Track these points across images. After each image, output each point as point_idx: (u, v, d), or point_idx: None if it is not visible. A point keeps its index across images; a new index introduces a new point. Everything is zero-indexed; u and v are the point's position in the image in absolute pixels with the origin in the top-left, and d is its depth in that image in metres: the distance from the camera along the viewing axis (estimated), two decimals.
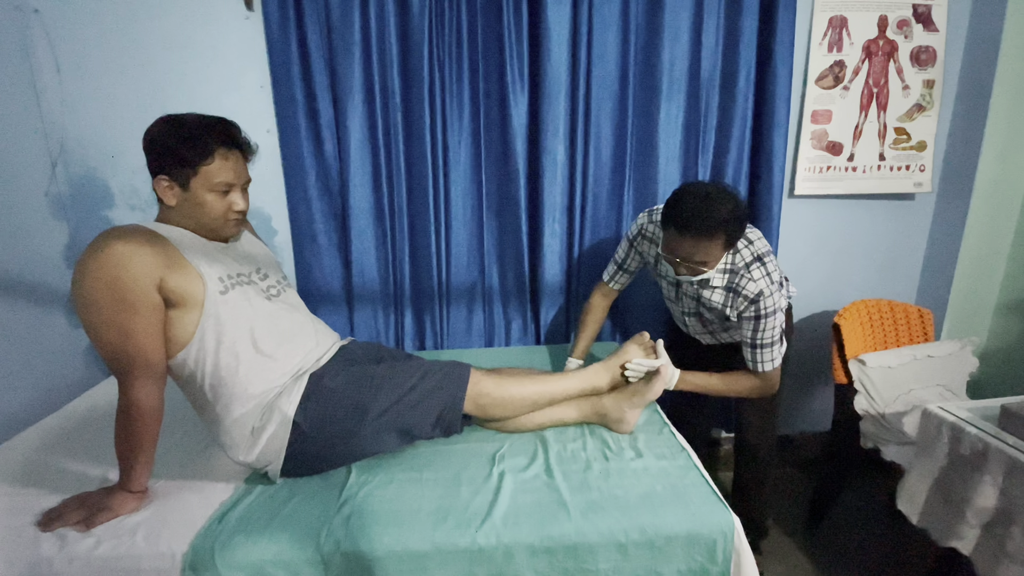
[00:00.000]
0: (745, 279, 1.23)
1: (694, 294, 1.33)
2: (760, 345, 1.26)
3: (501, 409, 1.16)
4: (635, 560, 0.93)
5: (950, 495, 1.09)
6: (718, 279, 1.26)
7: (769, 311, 1.23)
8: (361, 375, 1.09)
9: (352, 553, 0.89)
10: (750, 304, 1.23)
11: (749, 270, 1.23)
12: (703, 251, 1.15)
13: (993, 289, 1.84)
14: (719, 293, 1.28)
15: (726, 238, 1.15)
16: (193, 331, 0.99)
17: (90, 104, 1.60)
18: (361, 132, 1.63)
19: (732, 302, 1.26)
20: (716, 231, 1.12)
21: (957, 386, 1.62)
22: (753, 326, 1.25)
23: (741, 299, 1.24)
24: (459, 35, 1.57)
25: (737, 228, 1.15)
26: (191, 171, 1.00)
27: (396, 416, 1.06)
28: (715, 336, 1.44)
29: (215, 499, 1.01)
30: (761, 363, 1.28)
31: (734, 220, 1.13)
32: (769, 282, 1.22)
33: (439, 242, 1.73)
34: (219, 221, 1.06)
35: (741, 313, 1.26)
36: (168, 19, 1.56)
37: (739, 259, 1.24)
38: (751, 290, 1.22)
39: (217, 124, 1.03)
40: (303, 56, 1.57)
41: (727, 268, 1.25)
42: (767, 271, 1.23)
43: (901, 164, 1.78)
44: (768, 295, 1.22)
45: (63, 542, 0.90)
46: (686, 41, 1.62)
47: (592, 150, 1.68)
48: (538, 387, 1.19)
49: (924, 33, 1.70)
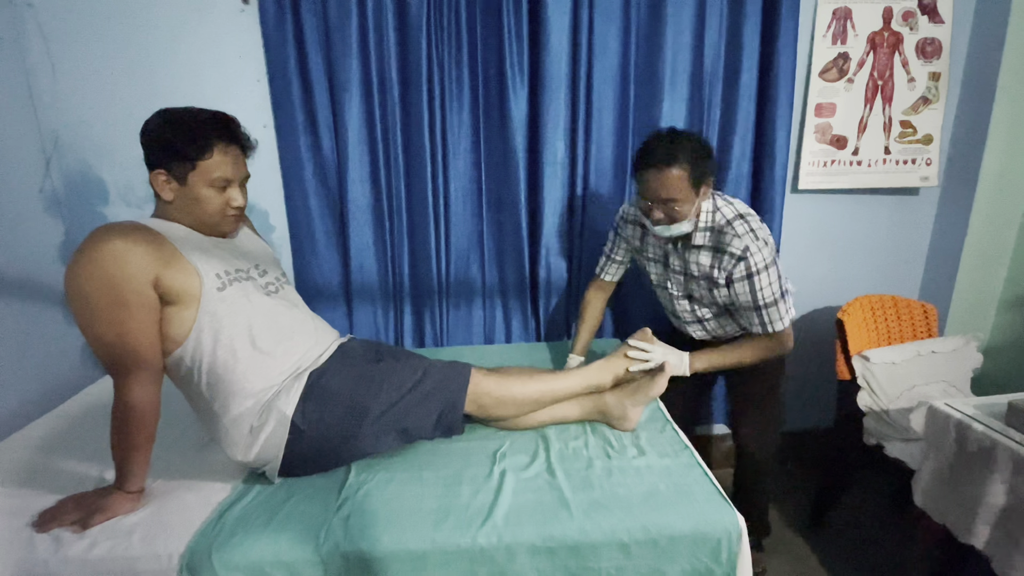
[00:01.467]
0: (729, 235, 1.22)
1: (682, 267, 1.32)
2: (764, 305, 1.24)
3: (503, 409, 1.14)
4: (638, 559, 0.92)
5: (961, 492, 1.08)
6: (700, 237, 1.26)
7: (760, 267, 1.20)
8: (360, 375, 1.07)
9: (351, 553, 0.88)
10: (738, 262, 1.21)
11: (732, 225, 1.22)
12: (668, 185, 1.16)
13: (997, 284, 1.82)
14: (705, 255, 1.27)
15: (691, 170, 1.16)
16: (190, 328, 0.98)
17: (84, 99, 1.58)
18: (359, 126, 1.61)
19: (719, 263, 1.24)
20: (678, 159, 1.15)
21: (961, 382, 1.61)
22: (749, 287, 1.23)
23: (727, 258, 1.22)
24: (458, 28, 1.55)
25: (701, 162, 1.17)
26: (189, 166, 0.99)
27: (396, 417, 1.05)
28: (705, 327, 1.42)
29: (212, 499, 1.00)
30: (771, 323, 1.25)
31: (697, 151, 1.17)
32: (754, 237, 1.21)
33: (438, 238, 1.71)
34: (216, 217, 1.05)
35: (732, 276, 1.23)
36: (163, 12, 1.54)
37: (720, 216, 1.24)
38: (736, 247, 1.21)
39: (217, 119, 1.02)
40: (300, 50, 1.55)
41: (709, 226, 1.25)
42: (750, 227, 1.22)
43: (907, 158, 1.76)
44: (756, 251, 1.20)
45: (58, 543, 0.89)
46: (688, 34, 1.60)
47: (593, 145, 1.66)
48: (540, 386, 1.17)
49: (929, 25, 1.68)
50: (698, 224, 1.26)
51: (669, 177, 1.16)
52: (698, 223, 1.25)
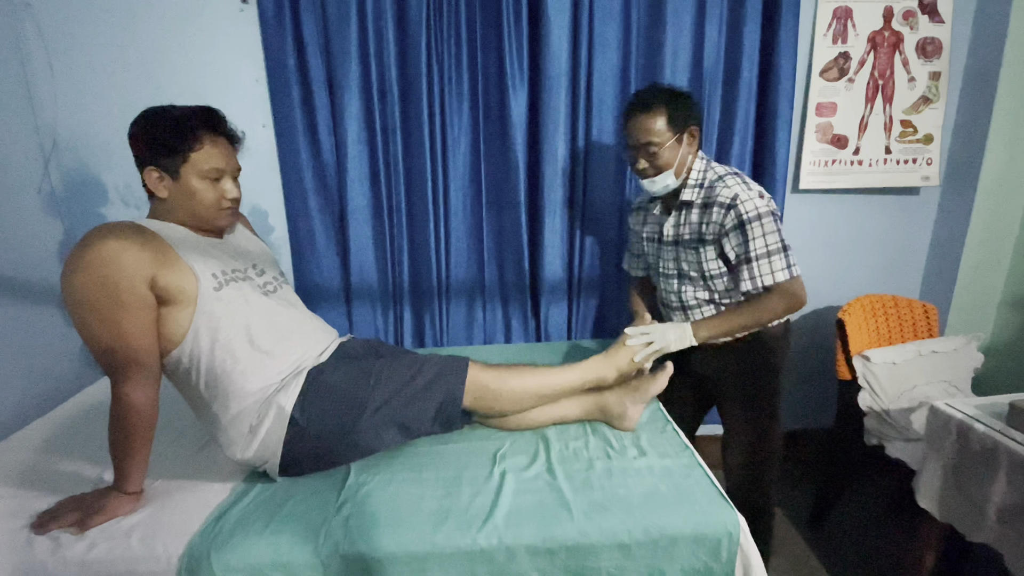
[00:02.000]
0: (718, 187, 1.20)
1: (673, 235, 1.30)
2: (756, 257, 1.16)
3: (501, 402, 1.12)
4: (638, 560, 0.91)
5: (967, 491, 1.07)
6: (690, 193, 1.25)
7: (751, 214, 1.15)
8: (359, 370, 1.07)
9: (351, 555, 0.87)
10: (727, 211, 1.17)
11: (723, 180, 1.21)
12: (646, 129, 1.19)
13: (998, 284, 1.82)
14: (695, 213, 1.24)
15: (668, 114, 1.18)
16: (187, 328, 0.97)
17: (83, 99, 1.57)
18: (358, 126, 1.60)
19: (708, 217, 1.21)
20: (655, 104, 1.18)
21: (962, 382, 1.61)
22: (741, 236, 1.16)
23: (716, 208, 1.19)
24: (457, 26, 1.55)
25: (679, 105, 1.18)
26: (181, 158, 0.99)
27: (394, 410, 1.04)
28: (689, 315, 1.33)
29: (212, 500, 0.99)
30: (769, 275, 1.17)
31: (674, 97, 1.19)
32: (746, 188, 1.18)
33: (438, 238, 1.70)
34: (212, 210, 1.05)
35: (725, 228, 1.18)
36: (162, 12, 1.54)
37: (712, 173, 1.24)
38: (725, 195, 1.17)
39: (202, 112, 1.02)
40: (299, 49, 1.55)
41: (699, 182, 1.25)
42: (743, 179, 1.20)
43: (908, 157, 1.75)
44: (746, 199, 1.15)
45: (57, 545, 0.88)
46: (689, 33, 1.60)
47: (593, 144, 1.65)
48: (539, 379, 1.15)
49: (930, 24, 1.67)
50: (687, 181, 1.25)
51: (645, 121, 1.19)
52: (687, 180, 1.25)
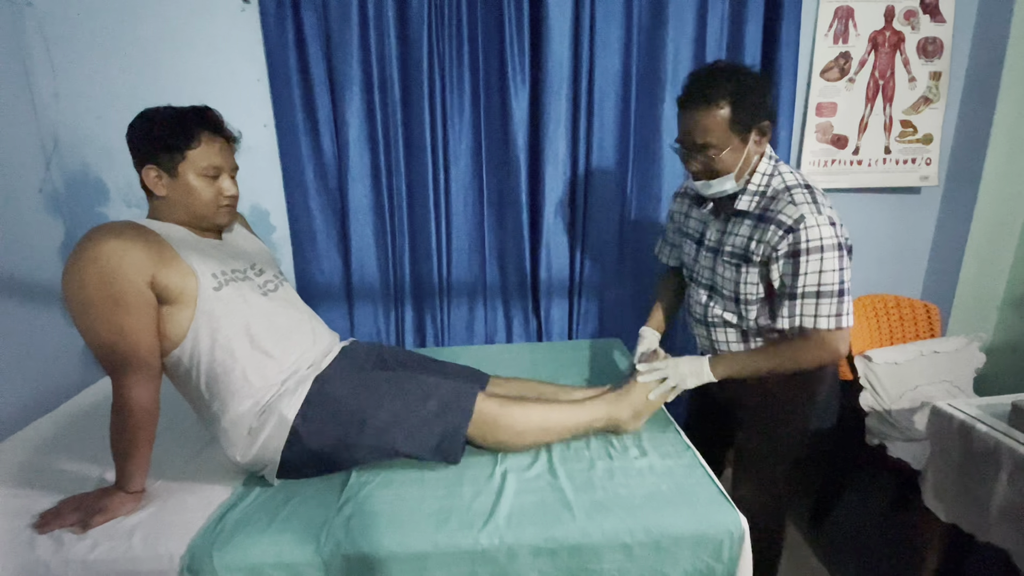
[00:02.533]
0: (783, 202, 0.98)
1: (716, 241, 1.11)
2: (802, 295, 0.98)
3: (505, 436, 1.08)
4: (640, 561, 0.91)
5: (971, 492, 1.07)
6: (747, 202, 1.03)
7: (812, 244, 0.95)
8: (365, 385, 1.06)
9: (353, 555, 0.87)
10: (786, 234, 0.96)
11: (790, 192, 0.99)
12: (704, 127, 0.97)
13: (1000, 284, 1.82)
14: (747, 226, 1.03)
15: (732, 112, 0.95)
16: (187, 328, 0.97)
17: (84, 98, 1.58)
18: (360, 126, 1.61)
19: (761, 235, 1.00)
20: (717, 96, 0.95)
21: (964, 382, 1.60)
22: (792, 267, 0.97)
23: (774, 228, 0.97)
24: (459, 26, 1.55)
25: (748, 100, 0.95)
26: (179, 156, 1.00)
27: (395, 438, 1.02)
28: (711, 333, 1.18)
29: (213, 500, 0.99)
30: (802, 317, 0.99)
31: (741, 89, 0.95)
32: (815, 210, 0.96)
33: (439, 238, 1.71)
34: (211, 208, 1.05)
35: (776, 252, 0.98)
36: (163, 12, 1.54)
37: (779, 181, 1.01)
38: (789, 214, 0.96)
39: (199, 110, 1.03)
40: (300, 49, 1.55)
41: (759, 190, 1.03)
42: (815, 199, 0.98)
43: (907, 157, 1.75)
44: (812, 224, 0.94)
45: (59, 544, 0.88)
46: (690, 32, 1.60)
47: (595, 143, 1.65)
48: (546, 415, 1.09)
49: (931, 24, 1.67)
50: (747, 186, 1.03)
51: (703, 118, 0.96)
52: (748, 184, 1.03)
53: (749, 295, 1.07)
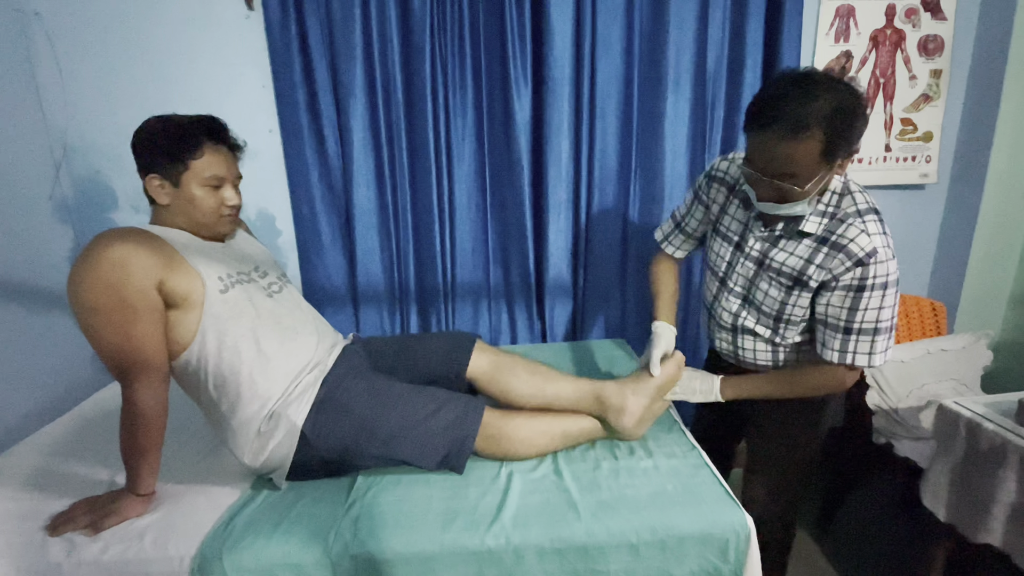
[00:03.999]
0: (855, 229, 0.89)
1: (761, 255, 1.01)
2: (859, 330, 0.93)
3: (511, 446, 1.09)
4: (646, 560, 0.91)
5: (974, 490, 1.07)
6: (814, 224, 0.93)
7: (879, 281, 0.90)
8: (374, 392, 1.06)
9: (361, 555, 0.88)
10: (854, 267, 0.90)
11: (862, 219, 0.90)
12: (790, 157, 0.83)
13: (1007, 281, 1.81)
14: (806, 246, 0.94)
15: (825, 141, 0.81)
16: (195, 331, 0.98)
17: (92, 106, 1.60)
18: (364, 130, 1.62)
19: (825, 259, 0.92)
20: (810, 127, 0.80)
21: (971, 380, 1.60)
22: (852, 300, 0.91)
23: (842, 256, 0.90)
24: (461, 30, 1.56)
25: (841, 130, 0.81)
26: (182, 166, 1.01)
27: (402, 447, 1.03)
28: (737, 340, 1.12)
29: (223, 502, 1.00)
30: (854, 354, 0.95)
31: (839, 116, 0.80)
32: (886, 243, 0.90)
33: (443, 240, 1.71)
34: (212, 217, 1.06)
35: (838, 278, 0.92)
36: (169, 20, 1.55)
37: (849, 203, 0.91)
38: (862, 245, 0.88)
39: (204, 120, 1.04)
40: (304, 55, 1.57)
41: (827, 210, 0.93)
42: (884, 228, 0.91)
43: (907, 155, 1.75)
44: (884, 259, 0.89)
45: (71, 547, 0.89)
46: (692, 33, 1.60)
47: (597, 144, 1.66)
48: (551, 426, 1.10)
49: (932, 22, 1.67)
50: (816, 206, 0.93)
51: (789, 147, 0.82)
52: (817, 205, 0.93)
53: (794, 317, 1.01)
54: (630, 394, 1.10)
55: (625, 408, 1.09)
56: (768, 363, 1.12)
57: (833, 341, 0.97)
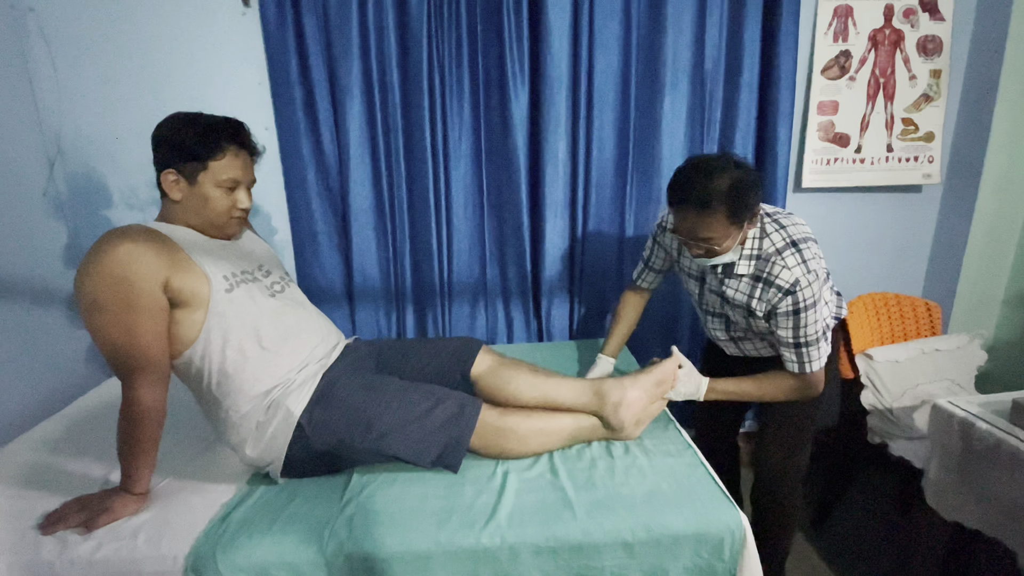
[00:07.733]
0: (778, 267, 1.10)
1: (718, 289, 1.22)
2: (805, 343, 1.13)
3: (507, 444, 1.09)
4: (641, 559, 0.92)
5: (974, 490, 1.07)
6: (744, 266, 1.14)
7: (808, 303, 1.09)
8: (371, 388, 1.06)
9: (355, 554, 0.88)
10: (784, 296, 1.10)
11: (781, 256, 1.10)
12: (704, 226, 1.05)
13: (1001, 282, 1.81)
14: (745, 283, 1.15)
15: (727, 211, 1.03)
16: (199, 330, 0.98)
17: (87, 103, 1.59)
18: (360, 128, 1.61)
19: (762, 294, 1.13)
20: (712, 203, 1.01)
21: (965, 380, 1.60)
22: (793, 322, 1.11)
23: (773, 290, 1.10)
24: (458, 28, 1.55)
25: (739, 201, 1.03)
26: (201, 165, 1.01)
27: (398, 442, 1.03)
28: (739, 345, 1.32)
29: (217, 501, 1.00)
30: (808, 363, 1.15)
31: (734, 191, 1.02)
32: (805, 270, 1.09)
33: (440, 239, 1.71)
34: (223, 218, 1.06)
35: (775, 307, 1.12)
36: (164, 16, 1.54)
37: (768, 244, 1.12)
38: (785, 279, 1.09)
39: (230, 123, 1.05)
40: (301, 52, 1.56)
41: (754, 254, 1.13)
42: (803, 258, 1.10)
43: (909, 155, 1.75)
44: (806, 285, 1.08)
45: (64, 545, 0.89)
46: (689, 32, 1.60)
47: (594, 144, 1.66)
48: (546, 424, 1.11)
49: (930, 22, 1.67)
50: (742, 252, 1.14)
51: (701, 219, 1.04)
52: (742, 251, 1.14)
53: (764, 329, 1.20)
54: (628, 386, 1.12)
55: (624, 399, 1.10)
56: (772, 353, 1.26)
57: (791, 355, 1.16)
